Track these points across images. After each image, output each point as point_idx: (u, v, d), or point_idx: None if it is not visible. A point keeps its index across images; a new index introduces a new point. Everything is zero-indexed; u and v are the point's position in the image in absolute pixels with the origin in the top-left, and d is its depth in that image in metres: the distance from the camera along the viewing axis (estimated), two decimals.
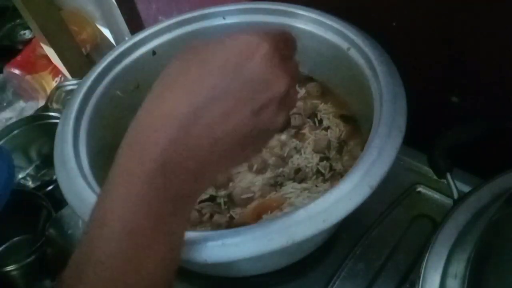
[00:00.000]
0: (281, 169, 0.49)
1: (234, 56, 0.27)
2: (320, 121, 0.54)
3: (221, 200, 0.47)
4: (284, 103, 0.30)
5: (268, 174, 0.49)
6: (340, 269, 0.48)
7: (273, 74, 0.28)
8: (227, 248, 0.33)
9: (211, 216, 0.47)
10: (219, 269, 0.47)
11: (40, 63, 1.10)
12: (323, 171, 0.49)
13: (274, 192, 0.47)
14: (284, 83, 0.29)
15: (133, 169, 0.26)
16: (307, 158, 0.50)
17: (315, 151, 0.51)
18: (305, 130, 0.53)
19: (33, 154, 1.03)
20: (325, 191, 0.36)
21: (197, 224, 0.46)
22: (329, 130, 0.53)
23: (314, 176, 0.48)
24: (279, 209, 0.45)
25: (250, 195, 0.47)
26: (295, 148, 0.51)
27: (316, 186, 0.47)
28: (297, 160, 0.50)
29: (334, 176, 0.48)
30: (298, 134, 0.53)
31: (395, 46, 0.47)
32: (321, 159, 0.50)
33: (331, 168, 0.49)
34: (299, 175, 0.48)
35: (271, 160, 0.50)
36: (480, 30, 0.46)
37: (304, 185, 0.47)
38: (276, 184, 0.48)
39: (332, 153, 0.50)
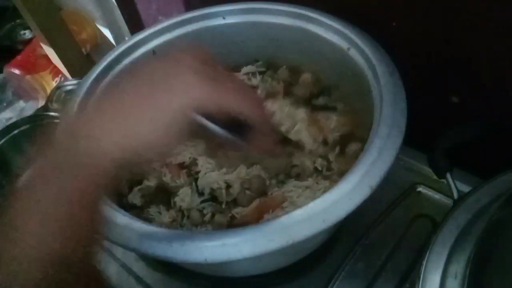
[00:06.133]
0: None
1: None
2: None
3: (223, 200, 0.47)
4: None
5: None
6: (340, 269, 0.48)
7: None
8: (227, 248, 0.33)
9: (213, 215, 0.47)
10: (219, 269, 0.47)
11: (40, 63, 1.10)
12: (322, 170, 0.49)
13: (276, 189, 0.47)
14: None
15: None
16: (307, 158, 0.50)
17: (315, 150, 0.50)
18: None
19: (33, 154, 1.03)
20: (325, 190, 0.36)
21: (198, 224, 0.46)
22: (329, 130, 0.52)
23: (314, 175, 0.48)
24: (281, 208, 0.45)
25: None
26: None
27: (317, 183, 0.47)
28: (297, 160, 0.50)
29: (333, 176, 0.48)
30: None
31: (395, 46, 0.47)
32: (321, 159, 0.50)
33: (330, 168, 0.49)
34: (299, 174, 0.48)
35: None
36: (480, 30, 0.46)
37: (305, 183, 0.47)
38: (278, 182, 0.48)
39: (332, 153, 0.50)
